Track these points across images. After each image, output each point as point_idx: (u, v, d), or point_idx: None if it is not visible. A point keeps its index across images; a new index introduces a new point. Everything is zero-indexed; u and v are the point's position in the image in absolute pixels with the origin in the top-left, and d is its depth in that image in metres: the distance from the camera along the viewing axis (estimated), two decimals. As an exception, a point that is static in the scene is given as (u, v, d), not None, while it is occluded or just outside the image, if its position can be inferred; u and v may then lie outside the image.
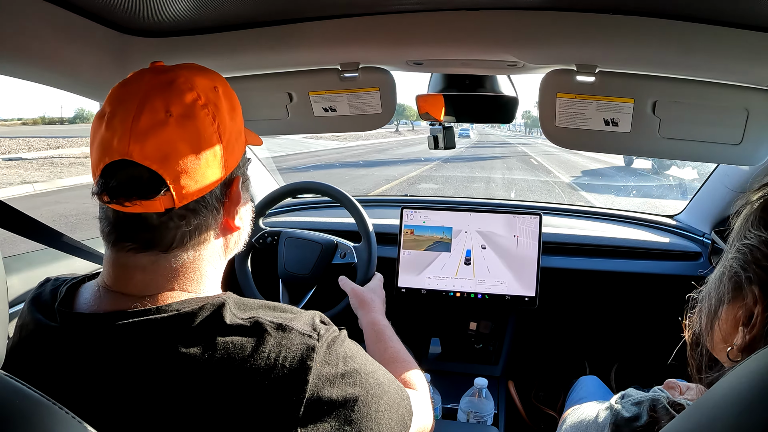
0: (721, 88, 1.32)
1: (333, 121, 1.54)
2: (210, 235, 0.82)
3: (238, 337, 0.74)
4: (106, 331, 0.73)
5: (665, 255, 2.26)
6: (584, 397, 1.82)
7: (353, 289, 1.55)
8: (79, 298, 0.81)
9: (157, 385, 0.70)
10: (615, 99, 1.33)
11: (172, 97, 0.75)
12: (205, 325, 0.74)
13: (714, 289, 0.81)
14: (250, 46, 1.36)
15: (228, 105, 0.82)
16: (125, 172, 0.72)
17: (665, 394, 0.86)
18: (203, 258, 0.83)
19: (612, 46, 1.22)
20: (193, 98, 0.76)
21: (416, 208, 2.13)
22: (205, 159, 0.76)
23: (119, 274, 0.79)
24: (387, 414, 0.84)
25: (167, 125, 0.73)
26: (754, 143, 1.36)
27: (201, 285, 0.83)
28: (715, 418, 0.58)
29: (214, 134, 0.77)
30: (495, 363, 2.24)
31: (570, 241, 2.30)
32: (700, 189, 2.27)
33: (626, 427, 0.84)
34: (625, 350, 2.58)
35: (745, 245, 0.75)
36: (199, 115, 0.76)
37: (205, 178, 0.77)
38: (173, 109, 0.74)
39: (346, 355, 0.81)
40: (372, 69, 1.43)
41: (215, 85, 0.81)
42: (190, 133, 0.75)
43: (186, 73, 0.79)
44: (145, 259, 0.77)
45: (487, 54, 1.30)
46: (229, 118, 0.82)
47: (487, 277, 2.08)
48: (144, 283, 0.78)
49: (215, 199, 0.81)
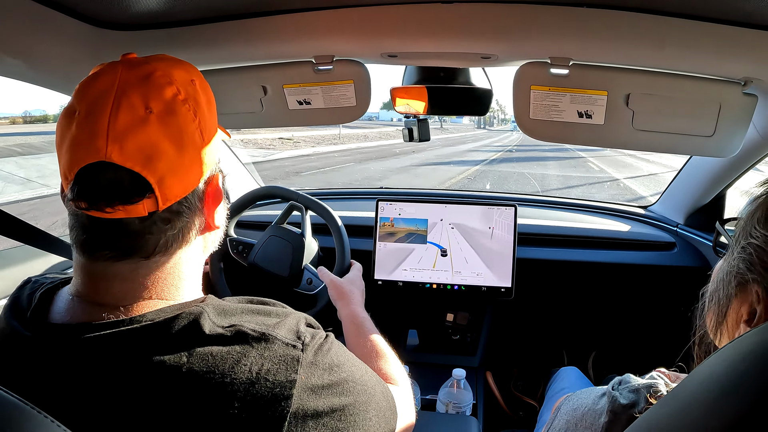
0: (693, 81, 1.33)
1: (307, 114, 1.52)
2: (191, 237, 0.79)
3: (219, 347, 0.70)
4: (78, 344, 0.69)
5: (639, 245, 2.29)
6: (566, 387, 1.84)
7: (332, 281, 1.55)
8: (53, 307, 0.77)
9: (132, 400, 0.67)
10: (589, 91, 1.33)
11: (151, 93, 0.71)
12: (182, 336, 0.70)
13: (722, 288, 0.81)
14: (224, 39, 1.34)
15: (206, 98, 0.79)
16: (105, 175, 0.68)
17: (662, 380, 0.86)
18: (183, 261, 0.79)
19: (586, 40, 1.22)
20: (174, 93, 0.72)
21: (391, 200, 2.13)
22: (189, 157, 0.73)
23: (95, 284, 0.74)
24: (374, 419, 0.83)
25: (148, 123, 0.69)
26: (726, 135, 1.37)
27: (180, 290, 0.79)
28: (693, 403, 0.58)
29: (197, 130, 0.74)
30: (473, 354, 2.26)
31: (545, 232, 2.33)
32: (673, 180, 2.31)
33: (623, 414, 0.84)
34: (602, 339, 2.61)
35: (750, 244, 0.75)
36: (180, 110, 0.72)
37: (189, 178, 0.74)
38: (153, 106, 0.70)
39: (332, 364, 0.79)
40: (346, 62, 1.42)
41: (192, 78, 0.78)
42: (173, 130, 0.71)
43: (163, 66, 0.75)
44: (124, 268, 0.73)
45: (461, 47, 1.30)
46: (208, 112, 0.79)
47: (463, 268, 2.08)
48: (122, 292, 0.74)
49: (197, 198, 0.78)
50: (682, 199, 2.27)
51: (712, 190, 2.06)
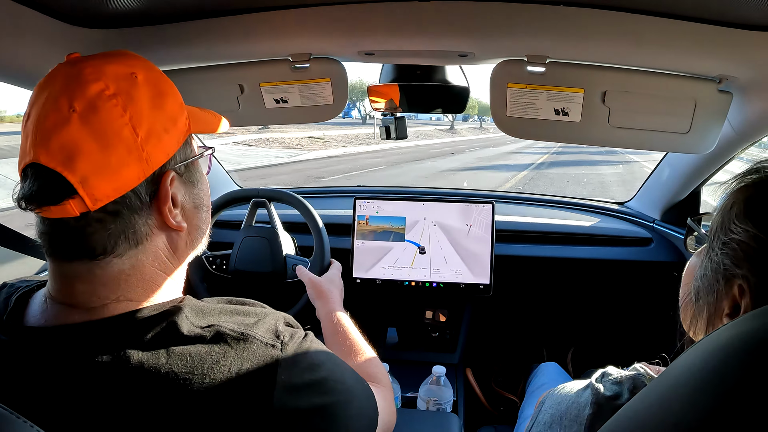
0: (669, 78, 1.34)
1: (285, 112, 1.51)
2: (144, 238, 0.76)
3: (197, 348, 0.69)
4: (53, 347, 0.69)
5: (616, 241, 2.32)
6: (546, 382, 1.85)
7: (310, 279, 1.54)
8: (28, 310, 0.76)
9: (110, 403, 0.66)
10: (565, 89, 1.34)
11: (76, 91, 0.69)
12: (159, 337, 0.70)
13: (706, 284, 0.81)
14: (201, 38, 1.32)
15: (151, 92, 0.75)
16: (35, 176, 0.67)
17: (646, 371, 0.87)
18: (145, 264, 0.77)
19: (562, 38, 1.22)
20: (100, 89, 0.69)
21: (369, 198, 2.13)
22: (116, 155, 0.69)
23: (61, 284, 0.74)
24: (356, 418, 0.83)
25: (70, 123, 0.67)
26: (701, 132, 1.39)
27: (151, 293, 0.77)
28: (671, 396, 0.58)
29: (125, 126, 0.70)
30: (452, 351, 2.27)
31: (523, 229, 2.34)
32: (649, 177, 2.33)
33: (607, 405, 0.84)
34: (580, 334, 2.63)
35: (732, 240, 0.75)
36: (105, 107, 0.69)
37: (121, 177, 0.70)
38: (76, 104, 0.68)
39: (312, 363, 0.78)
40: (323, 60, 1.41)
41: (132, 71, 0.74)
42: (96, 128, 0.68)
43: (96, 62, 0.73)
44: (80, 268, 0.72)
45: (438, 45, 1.30)
46: (151, 106, 0.74)
47: (441, 265, 2.09)
48: (86, 293, 0.72)
49: (138, 198, 0.74)
50: (659, 195, 2.30)
51: (688, 186, 2.09)
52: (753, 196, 0.75)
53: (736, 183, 0.80)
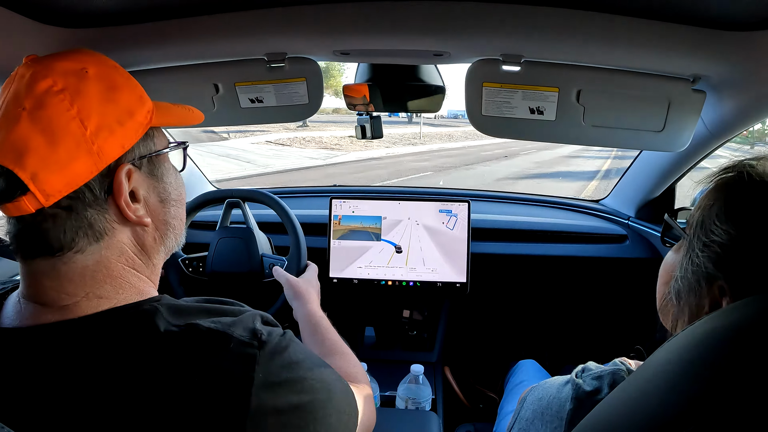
0: (644, 77, 1.35)
1: (260, 112, 1.51)
2: (104, 233, 0.76)
3: (173, 347, 0.69)
4: (28, 348, 0.68)
5: (592, 238, 2.34)
6: (525, 379, 1.87)
7: (288, 280, 1.54)
8: (3, 311, 0.76)
9: (87, 404, 0.65)
10: (540, 88, 1.35)
11: (26, 90, 0.70)
12: (135, 336, 0.69)
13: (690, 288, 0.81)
14: (175, 37, 1.30)
15: (102, 86, 0.75)
16: None
17: (625, 366, 0.87)
18: (110, 259, 0.77)
19: (537, 37, 1.23)
20: (47, 86, 0.70)
21: (345, 197, 2.13)
22: (65, 149, 0.69)
23: (29, 282, 0.74)
24: (335, 416, 0.82)
25: (20, 120, 0.68)
26: (675, 130, 1.40)
27: (121, 290, 0.77)
28: (649, 389, 0.59)
29: (73, 121, 0.70)
30: (430, 349, 2.28)
31: (499, 227, 2.36)
32: (624, 174, 2.35)
33: (588, 400, 0.84)
34: (558, 330, 2.65)
35: (713, 242, 0.75)
36: (51, 102, 0.70)
37: (71, 171, 0.70)
38: (26, 102, 0.69)
39: (290, 361, 0.78)
40: (299, 59, 1.40)
41: (83, 66, 0.75)
42: (43, 124, 0.69)
43: (47, 61, 0.74)
44: (43, 265, 0.72)
45: (413, 44, 1.29)
46: (103, 100, 0.74)
47: (418, 264, 2.10)
48: (53, 289, 0.72)
49: (91, 192, 0.74)
50: (633, 192, 2.32)
51: (663, 183, 2.11)
52: (734, 197, 0.76)
53: (715, 180, 0.80)
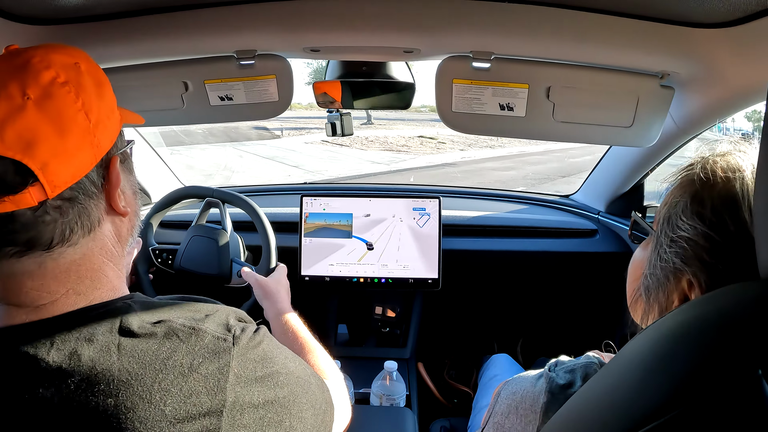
0: (612, 74, 1.37)
1: (230, 110, 1.49)
2: (96, 225, 0.76)
3: (148, 344, 0.69)
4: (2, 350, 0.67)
5: (562, 233, 2.37)
6: (498, 374, 1.88)
7: (257, 280, 1.55)
8: None
9: (63, 404, 0.64)
10: (510, 84, 1.35)
11: (28, 79, 0.69)
12: (109, 334, 0.68)
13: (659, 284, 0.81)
14: (144, 34, 1.29)
15: (93, 81, 0.76)
16: None
17: (597, 359, 0.88)
18: (94, 252, 0.76)
19: (507, 34, 1.24)
20: (52, 77, 0.70)
21: (316, 195, 2.12)
22: (73, 141, 0.70)
23: (7, 284, 0.71)
24: (310, 411, 0.83)
25: (26, 110, 0.66)
26: (644, 126, 1.42)
27: (100, 286, 0.76)
28: (621, 383, 0.60)
29: (79, 113, 0.71)
30: (403, 346, 2.28)
31: (470, 223, 2.37)
32: (593, 170, 2.38)
33: (561, 394, 0.85)
34: (529, 325, 2.68)
35: (681, 237, 0.76)
36: (59, 93, 0.70)
37: (77, 162, 0.71)
38: (30, 92, 0.68)
39: (264, 356, 0.78)
40: (268, 56, 1.39)
41: (76, 61, 0.75)
42: (52, 114, 0.68)
43: (41, 52, 0.73)
44: (30, 263, 0.71)
45: (383, 41, 1.29)
46: (96, 95, 0.75)
47: (390, 261, 2.10)
48: (35, 289, 0.71)
49: (92, 183, 0.75)
50: (603, 187, 2.35)
51: (632, 178, 2.14)
52: (698, 193, 0.76)
53: (681, 176, 0.81)
